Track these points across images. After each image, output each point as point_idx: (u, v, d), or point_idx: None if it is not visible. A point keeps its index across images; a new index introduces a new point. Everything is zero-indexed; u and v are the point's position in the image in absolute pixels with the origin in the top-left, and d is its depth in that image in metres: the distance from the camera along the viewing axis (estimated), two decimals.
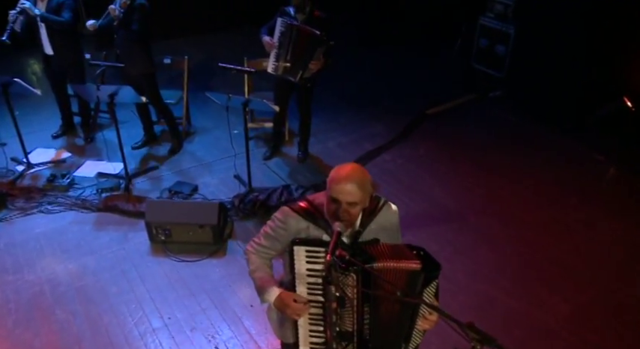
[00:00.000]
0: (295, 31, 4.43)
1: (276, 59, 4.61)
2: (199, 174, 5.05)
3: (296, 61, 4.53)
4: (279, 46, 4.54)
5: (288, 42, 4.49)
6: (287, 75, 4.61)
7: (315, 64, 4.53)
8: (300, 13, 4.55)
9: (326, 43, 4.47)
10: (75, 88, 4.74)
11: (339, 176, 2.06)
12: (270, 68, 4.66)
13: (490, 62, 7.06)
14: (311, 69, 4.56)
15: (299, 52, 4.48)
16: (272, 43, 4.55)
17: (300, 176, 5.03)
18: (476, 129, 6.00)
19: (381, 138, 5.69)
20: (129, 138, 5.45)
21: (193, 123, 5.92)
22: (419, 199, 4.69)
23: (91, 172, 5.03)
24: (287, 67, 4.57)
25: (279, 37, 4.53)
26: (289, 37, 4.47)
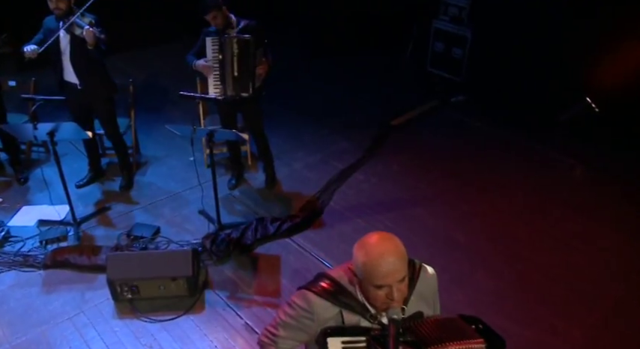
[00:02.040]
0: (235, 43, 4.04)
1: (220, 80, 4.17)
2: (158, 211, 4.51)
3: (243, 74, 4.13)
4: (219, 66, 4.11)
5: (230, 56, 4.07)
6: (238, 93, 4.18)
7: (262, 67, 4.18)
8: (229, 28, 4.15)
9: (262, 43, 4.16)
10: (5, 129, 4.07)
11: (374, 257, 1.70)
12: (216, 93, 4.24)
13: (447, 66, 6.89)
14: (260, 74, 4.21)
15: (243, 63, 4.09)
16: (210, 65, 4.12)
17: (271, 205, 4.60)
18: (444, 137, 5.78)
19: (350, 156, 5.35)
20: (70, 174, 4.78)
21: (142, 152, 5.34)
22: (403, 222, 4.39)
23: (30, 220, 4.38)
24: (235, 85, 4.14)
25: (214, 57, 4.10)
26: (229, 51, 4.06)
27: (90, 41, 3.93)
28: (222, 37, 4.05)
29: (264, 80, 4.29)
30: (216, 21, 4.03)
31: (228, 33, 4.13)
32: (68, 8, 4.01)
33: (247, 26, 4.18)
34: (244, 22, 4.19)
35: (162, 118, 6.09)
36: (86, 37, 3.91)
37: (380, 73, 7.40)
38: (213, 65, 4.13)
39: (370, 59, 7.81)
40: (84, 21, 3.94)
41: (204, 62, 4.15)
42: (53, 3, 3.97)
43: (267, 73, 4.26)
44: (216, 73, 4.17)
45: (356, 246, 1.79)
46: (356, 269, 1.77)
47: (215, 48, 4.10)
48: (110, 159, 5.11)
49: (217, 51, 4.09)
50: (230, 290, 3.71)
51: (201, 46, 4.23)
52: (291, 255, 4.02)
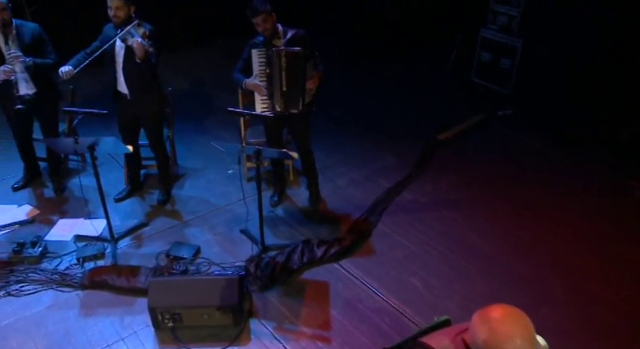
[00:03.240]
0: (284, 57, 3.79)
1: (268, 96, 3.94)
2: (198, 229, 4.31)
3: (292, 89, 3.89)
4: (267, 81, 3.89)
5: (278, 70, 3.84)
6: (287, 109, 3.95)
7: (312, 81, 3.94)
8: (275, 38, 3.91)
9: (311, 55, 3.91)
10: (48, 143, 3.90)
11: (501, 338, 1.50)
12: (264, 108, 4.01)
13: (494, 77, 6.59)
14: (310, 89, 3.96)
15: (293, 78, 3.85)
16: (261, 84, 3.90)
17: (316, 226, 4.36)
18: (492, 154, 5.48)
19: (396, 172, 5.09)
20: (107, 184, 4.54)
21: (180, 164, 5.14)
22: (457, 250, 4.10)
23: (66, 235, 4.21)
24: (284, 101, 3.91)
25: (261, 71, 3.88)
26: (277, 65, 3.82)
27: (139, 54, 3.74)
28: (270, 50, 3.82)
29: (314, 95, 4.04)
30: (265, 25, 3.80)
31: (275, 44, 3.90)
32: (127, 16, 3.83)
33: (295, 36, 3.95)
34: (292, 32, 3.95)
35: (199, 127, 5.92)
36: (135, 49, 3.72)
37: (421, 82, 7.13)
38: (260, 79, 3.89)
39: (411, 67, 7.55)
40: (137, 31, 3.74)
41: (258, 82, 3.91)
42: (112, 10, 3.79)
43: (318, 87, 4.01)
44: (265, 88, 3.94)
45: (477, 318, 1.54)
46: (473, 344, 1.52)
47: (262, 60, 3.87)
48: (147, 171, 4.92)
49: (264, 64, 3.86)
50: (276, 319, 3.48)
51: (246, 60, 4.00)
52: (340, 283, 3.77)
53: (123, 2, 3.77)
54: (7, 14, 3.90)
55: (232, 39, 8.54)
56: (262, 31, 3.84)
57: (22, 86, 4.05)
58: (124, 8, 3.77)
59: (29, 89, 4.13)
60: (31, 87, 4.14)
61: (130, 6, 3.81)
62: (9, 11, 3.93)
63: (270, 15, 3.79)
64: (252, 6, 3.75)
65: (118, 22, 3.80)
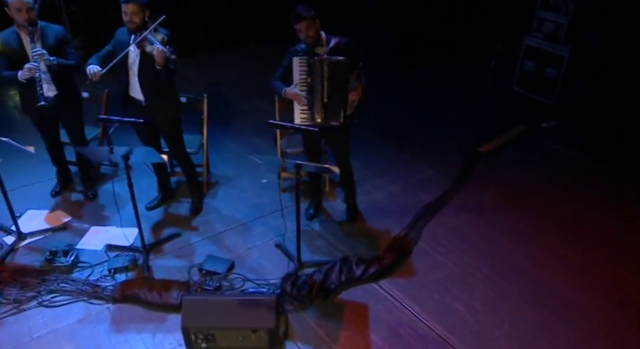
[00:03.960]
0: (326, 66, 3.62)
1: (308, 106, 3.77)
2: (232, 242, 4.17)
3: (334, 100, 3.72)
4: (307, 91, 3.72)
5: (320, 80, 3.67)
6: (328, 121, 3.78)
7: (355, 93, 3.75)
8: (318, 46, 3.74)
9: (355, 65, 3.72)
10: (81, 152, 3.81)
11: None
12: (303, 119, 3.84)
13: (537, 87, 6.33)
14: (353, 101, 3.77)
15: (335, 88, 3.68)
16: (301, 94, 3.74)
17: (353, 242, 4.18)
18: (535, 168, 5.23)
19: (435, 186, 4.88)
20: (138, 191, 4.40)
21: (212, 171, 5.01)
22: (503, 273, 3.88)
23: (98, 243, 4.12)
24: (325, 112, 3.75)
25: (301, 80, 3.71)
26: (319, 75, 3.65)
27: (159, 60, 3.62)
28: (312, 59, 3.66)
29: (356, 107, 3.86)
30: (308, 32, 3.63)
31: (317, 52, 3.74)
32: (142, 22, 3.70)
33: (339, 45, 3.77)
34: (335, 40, 3.78)
35: (231, 133, 5.80)
36: (155, 55, 3.59)
37: (460, 90, 6.90)
38: (301, 89, 3.74)
39: (448, 75, 7.32)
40: (156, 37, 3.62)
41: (298, 91, 3.75)
42: (127, 16, 3.66)
43: (361, 99, 3.83)
44: (305, 98, 3.78)
45: None
46: None
47: (303, 69, 3.71)
48: (179, 179, 4.80)
49: (305, 73, 3.70)
50: (314, 343, 3.32)
51: (287, 67, 3.84)
52: (380, 305, 3.59)
53: (138, 7, 3.63)
54: (32, 14, 3.83)
55: (264, 41, 8.45)
56: (305, 37, 3.68)
57: (44, 87, 3.96)
58: (139, 13, 3.65)
59: (51, 91, 4.06)
60: (53, 90, 4.07)
61: (145, 10, 3.68)
62: (35, 11, 3.85)
63: (314, 21, 3.63)
64: (295, 11, 3.60)
65: (133, 27, 3.67)
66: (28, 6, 3.78)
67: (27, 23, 3.79)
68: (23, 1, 3.75)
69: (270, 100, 4.59)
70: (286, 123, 3.46)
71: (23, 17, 3.77)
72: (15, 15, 3.79)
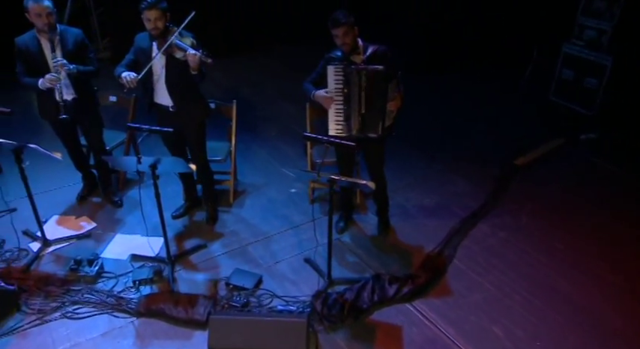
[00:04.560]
0: (364, 76, 3.47)
1: (343, 117, 3.61)
2: (259, 254, 4.04)
3: (372, 111, 3.56)
4: (343, 101, 3.56)
5: (357, 91, 3.51)
6: (365, 133, 3.63)
7: (394, 103, 3.59)
8: (355, 54, 3.57)
9: (394, 74, 3.54)
10: (109, 162, 3.72)
11: None
12: (338, 130, 3.68)
13: (576, 97, 6.08)
14: (391, 112, 3.59)
15: (373, 99, 3.53)
16: (330, 97, 3.57)
17: (386, 258, 4.02)
18: (574, 184, 5.00)
19: (470, 200, 4.69)
20: (165, 198, 4.32)
21: (239, 179, 4.89)
22: (544, 297, 3.68)
23: (123, 252, 4.02)
24: (362, 124, 3.59)
25: (337, 89, 3.55)
26: (356, 85, 3.50)
27: (193, 65, 3.50)
28: (349, 68, 3.50)
29: (394, 118, 3.70)
30: (345, 39, 3.48)
31: (353, 60, 3.59)
32: (165, 26, 3.59)
33: (377, 53, 3.62)
34: (373, 48, 3.63)
35: (258, 139, 5.68)
36: (190, 61, 3.48)
37: (493, 97, 6.69)
38: (336, 99, 3.59)
39: (480, 82, 7.10)
40: (185, 42, 3.50)
41: (326, 93, 3.61)
42: (151, 22, 3.54)
43: (400, 110, 3.67)
44: (339, 108, 3.63)
45: None
46: None
47: (339, 79, 3.56)
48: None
49: (341, 83, 3.55)
50: None
51: (320, 74, 3.71)
52: (414, 327, 3.42)
53: (161, 12, 3.51)
54: (52, 19, 3.74)
55: (290, 44, 8.33)
56: (341, 44, 3.53)
57: (63, 91, 3.89)
58: (162, 18, 3.53)
59: (69, 95, 3.99)
60: (71, 93, 4.00)
61: (166, 14, 3.57)
62: (54, 16, 3.77)
63: (353, 28, 3.48)
64: (334, 16, 3.45)
65: (157, 33, 3.56)
66: (47, 10, 3.69)
67: (47, 28, 3.71)
68: (43, 5, 3.66)
69: (296, 105, 4.46)
70: (321, 135, 3.29)
71: (43, 22, 3.69)
72: (35, 20, 3.71)
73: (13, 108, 3.83)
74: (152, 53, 3.65)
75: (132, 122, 4.60)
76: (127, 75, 3.60)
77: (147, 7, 3.50)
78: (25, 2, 3.67)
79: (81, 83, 4.00)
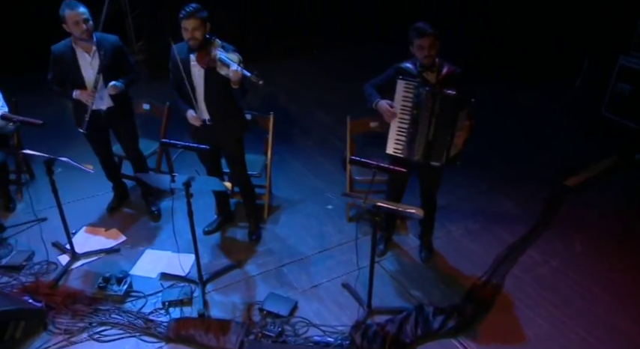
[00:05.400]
0: (438, 100, 3.21)
1: (406, 138, 3.37)
2: (294, 277, 3.83)
3: (440, 139, 3.31)
4: (410, 122, 3.31)
5: (429, 115, 3.26)
6: (428, 160, 3.38)
7: (462, 133, 3.32)
8: (428, 71, 3.31)
9: (468, 102, 3.25)
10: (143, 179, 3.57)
11: None
12: (397, 151, 3.45)
13: (632, 113, 5.70)
14: (457, 144, 3.34)
15: (443, 127, 3.27)
16: (394, 112, 3.32)
17: (429, 286, 3.77)
18: (634, 209, 4.65)
19: (518, 224, 4.40)
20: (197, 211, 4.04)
21: (274, 193, 4.69)
22: (605, 339, 3.37)
23: (152, 270, 3.87)
24: (426, 150, 3.35)
25: (404, 107, 3.31)
26: (428, 109, 3.23)
27: (235, 80, 3.29)
28: (422, 88, 3.23)
29: (461, 148, 3.42)
30: (430, 50, 3.21)
31: (426, 77, 3.32)
32: (204, 37, 3.39)
33: (452, 75, 3.34)
34: (448, 68, 3.35)
35: (294, 150, 5.48)
36: (232, 77, 3.27)
37: (541, 111, 6.35)
38: (402, 117, 3.34)
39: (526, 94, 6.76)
40: (231, 58, 3.28)
41: (388, 106, 3.35)
42: (188, 32, 3.34)
43: (467, 140, 3.40)
44: (404, 128, 3.37)
45: None
46: None
47: (408, 96, 3.29)
48: (239, 201, 4.50)
49: (411, 102, 3.29)
50: None
51: (386, 82, 3.45)
52: None
53: (200, 21, 3.30)
54: (90, 25, 3.60)
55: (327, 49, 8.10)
56: (423, 57, 3.25)
57: (96, 103, 3.79)
58: (201, 28, 3.32)
59: (104, 104, 3.87)
60: (106, 103, 3.87)
61: (206, 24, 3.36)
62: (91, 22, 3.62)
63: (437, 41, 3.23)
64: (419, 26, 3.21)
65: (196, 44, 3.36)
66: (84, 17, 3.56)
67: (85, 36, 3.58)
68: (79, 12, 3.53)
69: (333, 114, 4.22)
70: (370, 160, 3.05)
71: (81, 30, 3.55)
72: (72, 29, 3.58)
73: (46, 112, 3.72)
74: (190, 66, 3.46)
75: (165, 132, 4.47)
76: (190, 113, 3.54)
77: (185, 16, 3.31)
78: (61, 11, 3.55)
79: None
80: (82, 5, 3.57)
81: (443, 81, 3.30)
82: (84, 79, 3.72)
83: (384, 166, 3.06)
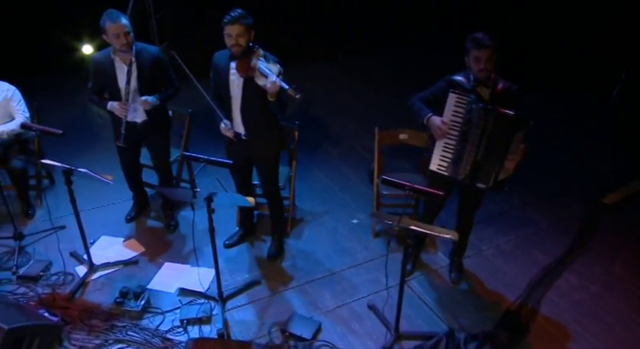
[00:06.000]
0: (492, 118, 3.00)
1: (452, 155, 3.18)
2: (318, 296, 3.67)
3: (489, 161, 3.11)
4: (458, 137, 3.12)
5: (479, 133, 3.06)
6: (473, 181, 3.19)
7: (514, 158, 3.10)
8: (482, 86, 3.11)
9: (525, 124, 3.03)
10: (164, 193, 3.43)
11: None
12: (441, 168, 3.26)
13: None
14: (508, 168, 3.12)
15: (494, 147, 3.07)
16: (445, 130, 3.13)
17: (459, 309, 3.58)
18: None
19: (552, 244, 4.18)
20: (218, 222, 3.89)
21: (298, 205, 4.53)
22: None
23: (170, 284, 3.74)
24: (473, 171, 3.16)
25: (455, 123, 3.13)
26: (480, 126, 3.05)
27: (272, 92, 3.14)
28: (475, 103, 3.04)
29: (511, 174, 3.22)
30: (487, 64, 3.01)
31: (479, 92, 3.12)
32: (247, 45, 3.24)
33: (509, 91, 3.13)
34: (504, 84, 3.15)
35: (318, 159, 5.31)
36: (269, 89, 3.12)
37: (576, 122, 6.09)
38: (450, 133, 3.16)
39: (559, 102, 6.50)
40: (271, 68, 3.13)
41: (441, 123, 3.16)
42: (232, 39, 3.19)
43: (519, 164, 3.19)
44: (451, 144, 3.19)
45: None
46: None
47: (459, 110, 3.11)
48: (261, 212, 4.35)
49: (462, 117, 3.10)
50: None
51: (436, 95, 3.27)
52: None
53: (245, 28, 3.14)
54: (130, 38, 3.48)
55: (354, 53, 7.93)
56: (478, 70, 3.05)
57: (130, 114, 3.69)
58: (245, 35, 3.17)
59: (139, 117, 3.77)
60: (141, 116, 3.77)
61: (251, 32, 3.20)
62: (132, 34, 3.49)
63: (496, 54, 3.02)
64: (478, 37, 3.01)
65: (239, 51, 3.20)
66: (125, 29, 3.44)
67: (125, 48, 3.47)
68: (121, 24, 3.41)
69: (359, 123, 4.04)
70: (404, 181, 2.87)
71: (121, 43, 3.45)
72: (112, 40, 3.47)
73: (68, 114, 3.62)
74: (230, 74, 3.31)
75: (187, 141, 4.34)
76: (224, 124, 3.39)
77: (229, 22, 3.14)
78: (102, 22, 3.44)
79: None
80: (124, 16, 3.45)
81: (497, 97, 3.09)
82: (120, 91, 3.61)
83: (420, 188, 2.86)
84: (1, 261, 3.92)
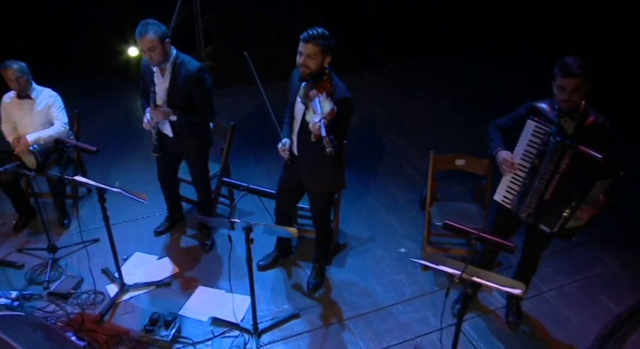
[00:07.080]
0: (569, 155, 2.65)
1: (520, 191, 2.85)
2: (361, 334, 3.37)
3: (557, 203, 2.74)
4: (529, 171, 2.79)
5: (552, 169, 2.72)
6: (537, 222, 2.85)
7: (589, 209, 2.72)
8: (567, 117, 2.73)
9: (614, 173, 2.65)
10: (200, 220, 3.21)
11: None
12: (506, 200, 2.96)
13: None
14: (580, 218, 2.74)
15: (566, 188, 2.70)
16: (514, 165, 2.79)
17: None
18: None
19: (624, 288, 3.77)
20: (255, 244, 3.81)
21: (341, 229, 4.24)
22: None
23: (203, 311, 3.51)
24: (538, 210, 2.81)
25: (528, 154, 2.79)
26: (554, 161, 2.70)
27: (313, 133, 2.83)
28: (554, 137, 2.69)
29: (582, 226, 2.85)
30: (573, 96, 2.66)
31: (563, 125, 2.76)
32: (318, 68, 2.89)
33: (598, 127, 2.74)
34: (596, 117, 2.76)
35: (365, 177, 5.01)
36: (310, 127, 2.82)
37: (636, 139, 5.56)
38: (521, 164, 2.83)
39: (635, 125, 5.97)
40: (323, 106, 2.77)
41: (509, 157, 2.85)
42: (301, 57, 2.87)
43: (594, 218, 2.81)
44: (520, 177, 2.87)
45: None
46: None
47: (535, 142, 2.77)
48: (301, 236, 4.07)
49: (536, 148, 2.77)
50: None
51: (515, 121, 2.96)
52: None
53: (319, 49, 2.82)
54: (156, 54, 3.24)
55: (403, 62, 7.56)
56: (561, 100, 2.70)
57: (161, 125, 3.56)
58: (317, 57, 2.84)
59: (168, 130, 3.60)
60: (169, 130, 3.59)
61: (326, 56, 2.88)
62: (161, 47, 3.23)
63: (586, 85, 2.66)
64: (566, 63, 2.64)
65: (306, 73, 2.90)
66: (149, 45, 3.18)
67: (152, 63, 3.29)
68: (145, 39, 3.17)
69: (407, 139, 3.70)
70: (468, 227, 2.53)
71: (148, 57, 3.27)
72: (144, 55, 3.29)
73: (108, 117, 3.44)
74: (297, 94, 3.00)
75: (227, 156, 4.11)
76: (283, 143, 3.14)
77: (303, 39, 2.84)
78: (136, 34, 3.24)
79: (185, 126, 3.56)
80: (152, 30, 3.17)
81: (583, 132, 2.72)
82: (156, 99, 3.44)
83: (489, 238, 2.50)
84: (34, 273, 3.79)
